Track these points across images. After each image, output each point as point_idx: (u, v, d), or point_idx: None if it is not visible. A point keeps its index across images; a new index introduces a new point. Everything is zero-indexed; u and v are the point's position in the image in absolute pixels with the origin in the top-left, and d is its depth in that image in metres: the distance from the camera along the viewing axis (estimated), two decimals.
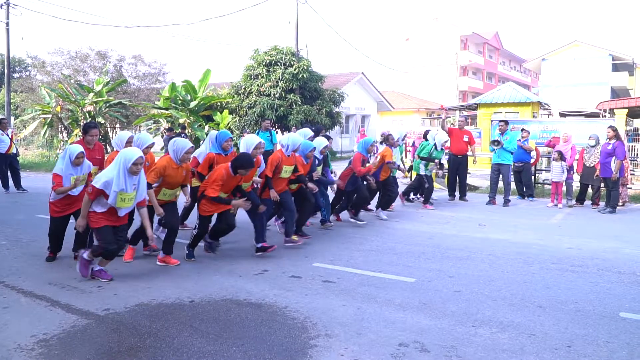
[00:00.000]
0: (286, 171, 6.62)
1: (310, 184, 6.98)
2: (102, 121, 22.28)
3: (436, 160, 10.32)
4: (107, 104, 22.72)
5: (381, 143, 9.37)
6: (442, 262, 6.00)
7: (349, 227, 8.21)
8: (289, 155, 6.63)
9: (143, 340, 3.80)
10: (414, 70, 46.60)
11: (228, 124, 20.56)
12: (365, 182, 8.45)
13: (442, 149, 10.37)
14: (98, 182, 4.86)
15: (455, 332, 3.95)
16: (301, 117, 20.83)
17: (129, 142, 6.06)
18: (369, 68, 34.95)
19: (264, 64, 21.95)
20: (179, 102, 21.29)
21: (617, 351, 3.61)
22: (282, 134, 22.42)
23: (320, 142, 7.57)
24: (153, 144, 6.12)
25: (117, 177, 4.86)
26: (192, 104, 20.94)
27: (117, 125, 26.30)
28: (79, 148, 5.57)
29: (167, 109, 21.31)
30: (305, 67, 21.60)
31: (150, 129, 23.05)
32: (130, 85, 28.70)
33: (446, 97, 43.35)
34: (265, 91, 21.44)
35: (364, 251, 6.57)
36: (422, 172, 10.14)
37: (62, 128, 24.56)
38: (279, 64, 21.56)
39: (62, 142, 23.46)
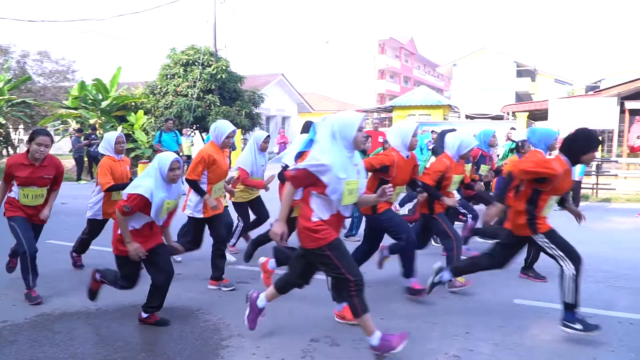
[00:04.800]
0: (455, 182, 5.21)
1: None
2: (4, 122, 20.72)
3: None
4: (9, 103, 21.14)
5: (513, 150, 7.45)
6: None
7: (266, 228, 8.21)
8: (457, 161, 5.14)
9: (44, 351, 3.61)
10: (334, 72, 47.37)
11: (143, 124, 19.85)
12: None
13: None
14: (137, 188, 3.90)
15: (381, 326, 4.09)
16: (220, 118, 20.52)
17: (118, 143, 5.37)
18: (290, 70, 35.06)
19: (181, 63, 21.41)
20: (90, 101, 20.26)
21: (509, 334, 3.92)
22: (201, 136, 22.04)
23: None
24: (234, 131, 5.14)
25: (155, 187, 3.92)
26: (104, 104, 20.00)
27: (21, 126, 24.53)
28: (172, 156, 4.08)
29: (76, 108, 20.21)
30: (224, 68, 21.31)
31: (58, 129, 21.74)
32: (35, 83, 26.84)
33: (365, 99, 44.49)
34: (182, 91, 20.92)
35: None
36: None
37: None
38: (196, 63, 21.12)
39: None
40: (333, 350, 3.64)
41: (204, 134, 21.82)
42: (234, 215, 6.26)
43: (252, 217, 6.44)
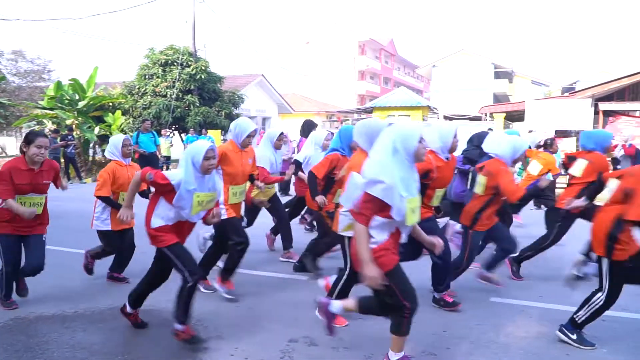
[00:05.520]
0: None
1: None
2: None
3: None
4: None
5: (540, 147, 7.42)
6: (336, 261, 6.18)
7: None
8: (511, 165, 4.89)
9: (19, 356, 3.56)
10: (314, 73, 47.43)
11: (121, 125, 19.61)
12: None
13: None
14: (170, 175, 3.65)
15: (344, 325, 4.12)
16: (199, 119, 20.40)
17: (125, 145, 5.09)
18: (270, 70, 34.95)
19: (159, 63, 21.20)
20: (66, 101, 19.92)
21: (485, 332, 3.99)
22: (180, 137, 21.85)
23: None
24: (256, 130, 4.91)
25: (186, 174, 3.63)
26: (81, 104, 19.69)
27: None
28: (206, 144, 3.74)
29: (52, 109, 19.85)
30: (203, 68, 21.17)
31: (34, 130, 21.35)
32: (10, 83, 26.33)
33: (345, 100, 44.63)
34: (161, 92, 20.72)
35: (258, 252, 6.60)
36: None
37: None
38: (175, 63, 20.94)
39: None
40: (311, 351, 3.66)
41: (183, 135, 21.65)
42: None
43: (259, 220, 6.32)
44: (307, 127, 7.68)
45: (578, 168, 5.19)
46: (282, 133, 5.93)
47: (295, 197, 7.24)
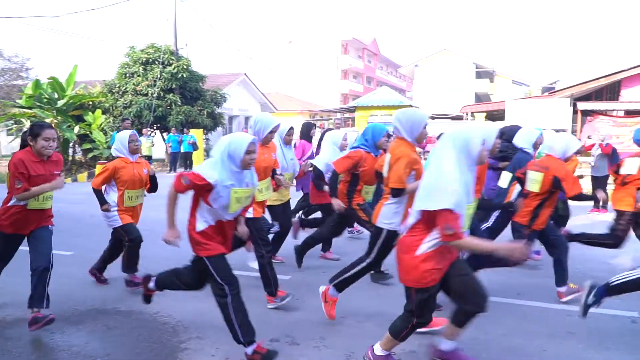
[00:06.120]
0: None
1: None
2: None
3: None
4: None
5: None
6: (318, 260, 6.20)
7: None
8: None
9: None
10: (297, 72, 47.40)
11: (101, 124, 19.36)
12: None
13: None
14: (205, 172, 3.32)
15: (326, 323, 4.14)
16: (181, 118, 20.26)
17: (132, 141, 4.90)
18: (252, 69, 34.86)
19: (140, 62, 21.00)
20: (45, 100, 19.60)
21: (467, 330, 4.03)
22: (162, 136, 21.67)
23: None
24: (278, 126, 4.68)
25: (220, 171, 3.32)
26: (60, 103, 19.39)
27: None
28: (248, 137, 3.45)
29: (30, 108, 19.50)
30: (185, 67, 21.03)
31: (11, 129, 20.97)
32: None
33: (328, 99, 44.69)
34: (142, 90, 20.53)
35: (240, 252, 6.56)
36: None
37: None
38: (156, 62, 20.77)
39: None
40: (293, 350, 3.67)
41: (164, 134, 21.48)
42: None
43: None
44: (307, 129, 7.30)
45: (633, 166, 5.03)
46: (291, 127, 5.53)
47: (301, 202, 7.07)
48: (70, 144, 19.50)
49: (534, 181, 4.58)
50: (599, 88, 17.17)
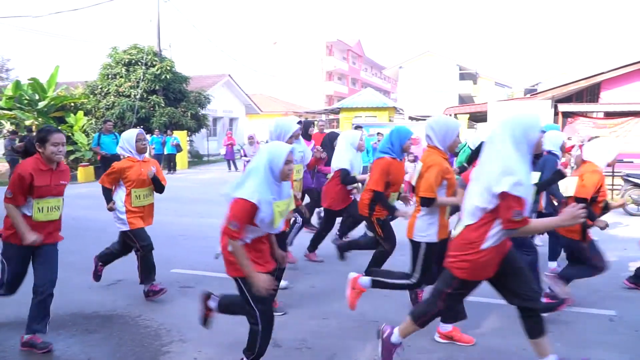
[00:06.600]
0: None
1: None
2: None
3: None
4: None
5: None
6: (301, 263, 6.20)
7: (214, 231, 8.12)
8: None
9: None
10: (282, 73, 47.37)
11: (83, 126, 19.15)
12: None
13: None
14: (246, 193, 3.02)
15: (308, 325, 4.15)
16: (165, 120, 20.12)
17: (139, 140, 4.74)
18: (237, 70, 34.75)
19: (122, 63, 20.83)
20: (25, 102, 19.34)
21: None
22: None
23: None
24: (299, 130, 4.58)
25: (261, 183, 3.07)
26: (41, 104, 19.15)
27: None
28: (287, 146, 3.21)
29: (10, 109, 19.22)
30: (168, 68, 20.89)
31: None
32: None
33: (313, 100, 44.72)
34: (124, 92, 20.35)
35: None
36: None
37: None
38: (139, 63, 20.60)
39: None
40: (275, 352, 3.66)
41: (148, 136, 21.30)
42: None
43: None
44: (306, 127, 7.17)
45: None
46: (299, 122, 5.28)
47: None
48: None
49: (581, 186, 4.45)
50: (579, 90, 17.42)
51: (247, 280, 3.06)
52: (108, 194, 4.76)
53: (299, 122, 7.24)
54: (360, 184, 6.21)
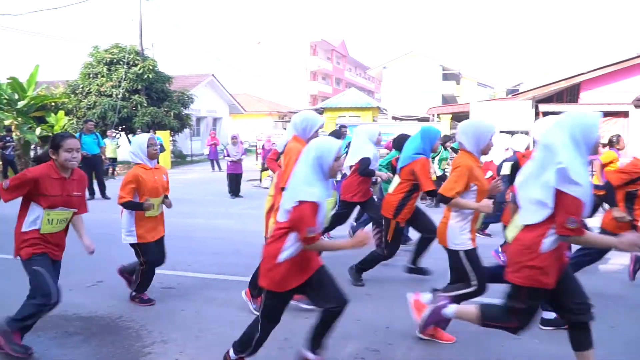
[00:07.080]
0: None
1: None
2: None
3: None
4: None
5: (605, 146, 7.64)
6: None
7: (197, 231, 8.11)
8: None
9: None
10: (266, 73, 47.27)
11: (64, 126, 18.91)
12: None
13: None
14: (307, 194, 2.88)
15: (291, 324, 4.14)
16: (147, 120, 19.96)
17: (151, 145, 4.51)
18: (220, 70, 34.64)
19: (104, 62, 20.63)
20: (4, 101, 19.02)
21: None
22: (127, 138, 21.29)
23: None
24: (323, 124, 4.44)
25: (316, 185, 2.94)
26: (21, 104, 18.85)
27: None
28: (336, 142, 3.07)
29: None
30: (151, 67, 20.73)
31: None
32: None
33: (297, 100, 44.71)
34: (106, 91, 20.16)
35: (207, 254, 6.55)
36: None
37: None
38: (121, 62, 20.42)
39: None
40: (258, 352, 3.67)
41: (130, 136, 21.11)
42: None
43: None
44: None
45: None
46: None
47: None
48: (32, 147, 18.97)
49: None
50: (559, 90, 17.72)
51: (268, 294, 3.09)
52: (134, 205, 4.39)
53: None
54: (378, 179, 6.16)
